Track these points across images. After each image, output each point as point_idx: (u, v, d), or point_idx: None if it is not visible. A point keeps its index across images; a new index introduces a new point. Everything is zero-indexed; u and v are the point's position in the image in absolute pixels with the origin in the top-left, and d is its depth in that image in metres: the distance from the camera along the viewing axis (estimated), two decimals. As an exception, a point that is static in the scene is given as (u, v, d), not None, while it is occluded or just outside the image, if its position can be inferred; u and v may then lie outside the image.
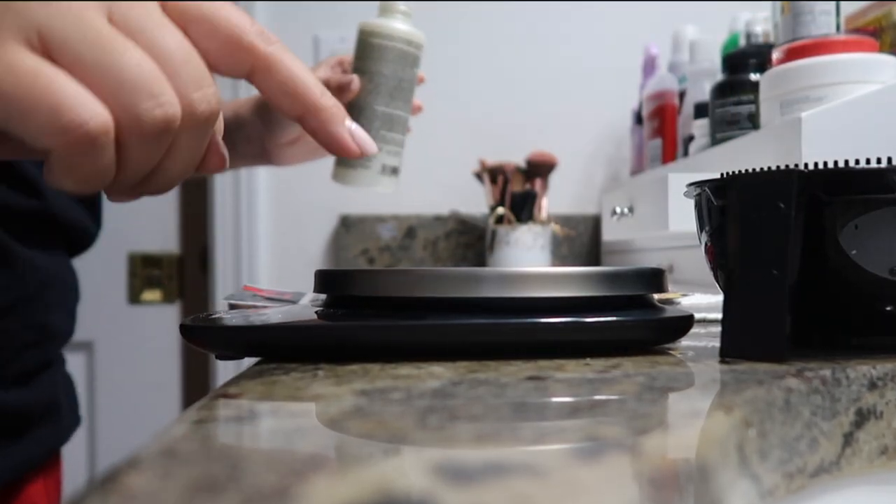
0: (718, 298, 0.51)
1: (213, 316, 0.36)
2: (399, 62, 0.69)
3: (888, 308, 0.35)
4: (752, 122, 0.81)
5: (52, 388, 0.61)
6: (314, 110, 0.31)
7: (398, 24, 0.69)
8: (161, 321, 1.47)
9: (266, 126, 0.73)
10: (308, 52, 1.42)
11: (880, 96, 0.60)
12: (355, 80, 0.67)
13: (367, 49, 0.69)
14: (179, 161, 0.29)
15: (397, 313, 0.34)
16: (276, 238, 1.43)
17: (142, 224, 1.45)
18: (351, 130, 0.32)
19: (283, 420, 0.23)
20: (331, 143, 0.32)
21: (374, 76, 0.69)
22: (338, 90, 0.67)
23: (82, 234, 0.64)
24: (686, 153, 1.02)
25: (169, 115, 0.27)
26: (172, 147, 0.28)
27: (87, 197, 0.34)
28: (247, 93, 1.40)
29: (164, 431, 0.22)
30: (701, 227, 0.40)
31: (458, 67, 1.43)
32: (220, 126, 0.31)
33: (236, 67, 0.30)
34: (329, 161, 0.82)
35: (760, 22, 0.90)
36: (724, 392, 0.26)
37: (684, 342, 0.39)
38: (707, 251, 0.40)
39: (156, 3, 0.28)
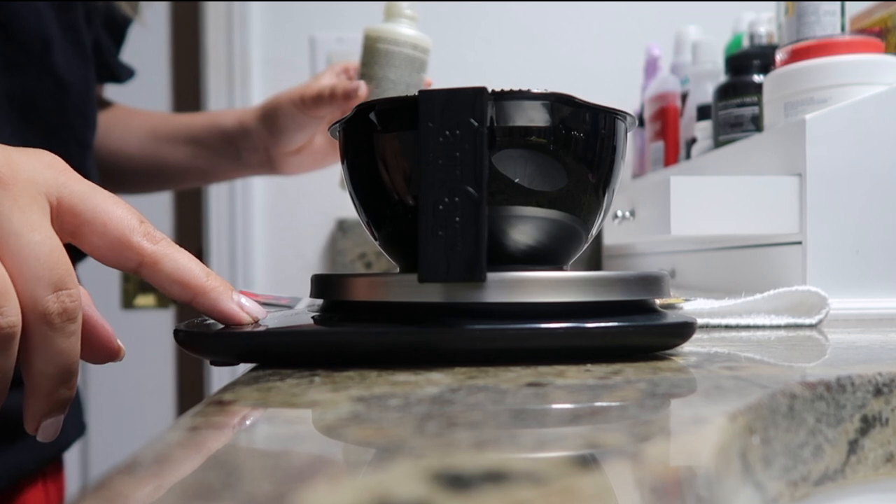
0: (722, 303, 0.51)
1: (208, 321, 0.36)
2: (406, 67, 0.69)
3: None
4: (756, 124, 0.81)
5: None
6: (202, 292, 0.34)
7: (404, 29, 0.69)
8: (155, 326, 1.47)
9: (272, 135, 0.73)
10: (304, 53, 1.42)
11: (886, 98, 0.60)
12: (362, 86, 0.67)
13: (374, 54, 0.69)
14: (48, 362, 0.31)
15: (395, 318, 0.34)
16: (271, 242, 1.43)
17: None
18: (239, 303, 0.35)
19: (279, 427, 0.23)
20: (223, 319, 0.35)
21: (381, 82, 0.69)
22: (344, 97, 0.67)
23: None
24: (688, 156, 1.02)
25: (3, 325, 0.29)
26: (34, 350, 0.31)
27: None
28: (243, 103, 1.40)
29: (159, 438, 0.21)
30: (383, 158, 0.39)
31: (458, 68, 1.43)
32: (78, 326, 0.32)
33: (125, 263, 0.33)
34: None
35: (764, 23, 0.90)
36: (727, 398, 0.25)
37: (686, 348, 0.39)
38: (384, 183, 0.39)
39: (44, 200, 0.31)
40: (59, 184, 0.32)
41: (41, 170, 0.31)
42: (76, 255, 0.65)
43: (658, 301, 0.39)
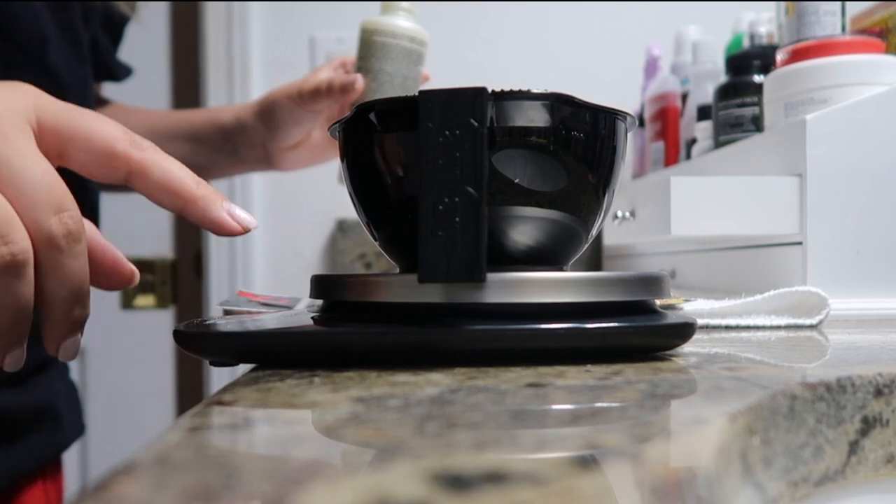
0: (722, 304, 0.51)
1: (207, 322, 0.36)
2: (403, 60, 0.69)
3: None
4: (756, 124, 0.80)
5: (49, 392, 0.61)
6: (192, 200, 0.34)
7: (401, 22, 0.69)
8: (154, 327, 1.46)
9: (269, 130, 0.73)
10: (304, 53, 1.42)
11: (887, 98, 0.60)
12: (359, 80, 0.67)
13: (371, 47, 0.69)
14: (61, 285, 0.31)
15: (395, 319, 0.34)
16: (271, 242, 1.43)
17: (135, 228, 1.44)
18: (230, 211, 0.35)
19: (279, 428, 0.23)
20: (213, 228, 0.34)
21: (378, 75, 0.68)
22: (341, 90, 0.67)
23: None
24: (689, 156, 1.02)
25: (15, 251, 0.29)
26: (45, 274, 0.31)
27: (82, 199, 0.35)
28: (242, 98, 1.40)
29: (158, 439, 0.21)
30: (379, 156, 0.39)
31: (458, 68, 1.43)
32: (83, 248, 0.32)
33: (114, 174, 0.33)
34: (325, 164, 0.82)
35: (764, 23, 0.90)
36: (728, 399, 0.25)
37: (687, 348, 0.39)
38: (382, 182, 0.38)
39: (27, 126, 0.31)
40: (37, 107, 0.32)
41: (17, 97, 0.31)
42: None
43: (658, 301, 0.38)
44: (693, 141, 0.99)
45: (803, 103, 0.66)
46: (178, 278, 1.51)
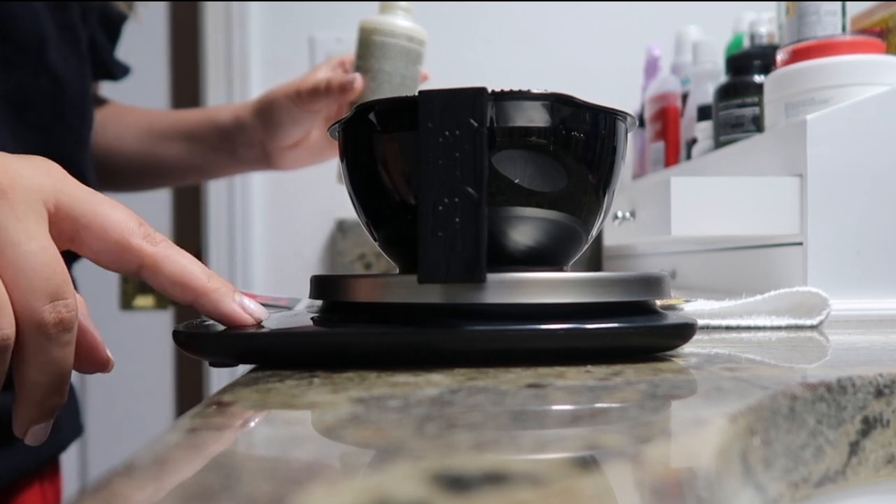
0: (723, 304, 0.51)
1: (207, 322, 0.36)
2: (402, 59, 0.69)
3: None
4: (757, 124, 0.80)
5: None
6: (203, 293, 0.34)
7: (399, 21, 0.69)
8: (154, 327, 1.46)
9: (267, 129, 0.73)
10: (304, 53, 1.42)
11: (887, 98, 0.60)
12: (358, 79, 0.67)
13: (369, 47, 0.69)
14: (41, 371, 0.31)
15: (394, 319, 0.34)
16: (271, 242, 1.43)
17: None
18: (241, 304, 0.35)
19: (278, 428, 0.23)
20: (225, 320, 0.35)
21: (376, 74, 0.68)
22: (340, 90, 0.67)
23: None
24: (689, 156, 1.02)
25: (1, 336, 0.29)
26: (27, 358, 0.31)
27: None
28: (241, 99, 1.40)
29: (157, 439, 0.21)
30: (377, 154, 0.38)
31: (458, 68, 1.43)
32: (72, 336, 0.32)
33: (125, 266, 0.33)
34: (325, 164, 0.82)
35: (765, 23, 0.90)
36: (728, 400, 0.25)
37: (687, 349, 0.39)
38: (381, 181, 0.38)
39: (42, 208, 0.31)
40: (57, 190, 0.32)
41: (39, 177, 0.31)
42: (71, 256, 0.65)
43: (658, 302, 0.38)
44: (693, 141, 0.99)
45: (804, 103, 0.66)
46: (177, 278, 1.51)
